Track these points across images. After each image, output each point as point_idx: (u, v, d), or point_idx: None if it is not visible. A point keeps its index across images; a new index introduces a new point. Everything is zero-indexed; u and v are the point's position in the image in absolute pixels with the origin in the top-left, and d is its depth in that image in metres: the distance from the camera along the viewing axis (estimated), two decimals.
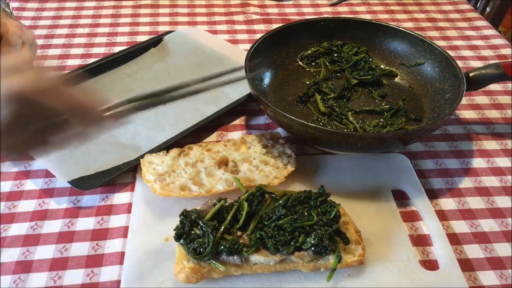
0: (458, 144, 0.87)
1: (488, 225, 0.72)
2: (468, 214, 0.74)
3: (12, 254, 0.65)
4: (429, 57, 0.92)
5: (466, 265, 0.66)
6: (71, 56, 1.06)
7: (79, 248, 0.66)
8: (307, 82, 0.94)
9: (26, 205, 0.72)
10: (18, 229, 0.68)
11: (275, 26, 0.97)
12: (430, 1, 1.35)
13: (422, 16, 1.28)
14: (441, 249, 0.66)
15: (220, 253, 0.59)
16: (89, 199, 0.73)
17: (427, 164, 0.82)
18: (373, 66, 0.96)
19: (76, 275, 0.63)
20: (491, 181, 0.79)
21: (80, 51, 1.08)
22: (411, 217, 0.72)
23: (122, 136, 0.81)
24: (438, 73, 0.90)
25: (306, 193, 0.66)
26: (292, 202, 0.64)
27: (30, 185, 0.75)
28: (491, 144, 0.87)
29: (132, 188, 0.75)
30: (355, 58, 0.97)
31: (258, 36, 0.93)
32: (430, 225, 0.70)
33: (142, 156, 0.75)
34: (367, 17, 1.23)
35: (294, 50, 0.98)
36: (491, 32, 1.21)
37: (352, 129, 0.83)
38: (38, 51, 0.97)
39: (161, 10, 1.25)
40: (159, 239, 0.65)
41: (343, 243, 0.62)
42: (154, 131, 0.83)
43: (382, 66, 0.98)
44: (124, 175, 0.76)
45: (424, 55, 0.93)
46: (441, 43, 1.15)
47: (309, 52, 0.99)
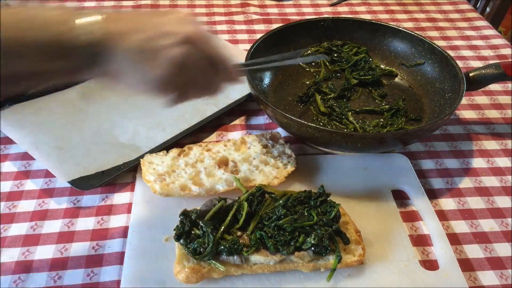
0: (458, 144, 0.87)
1: (488, 225, 0.72)
2: (468, 214, 0.74)
3: (12, 254, 0.65)
4: (429, 57, 0.92)
5: (466, 265, 0.66)
6: None
7: (79, 248, 0.66)
8: (307, 82, 0.94)
9: (26, 205, 0.72)
10: (18, 229, 0.68)
11: (275, 26, 0.97)
12: (430, 1, 1.35)
13: (422, 16, 1.28)
14: (441, 249, 0.66)
15: (220, 253, 0.59)
16: (89, 199, 0.73)
17: (427, 164, 0.82)
18: (373, 66, 0.96)
19: (76, 275, 0.63)
20: (491, 181, 0.79)
21: None
22: (411, 217, 0.72)
23: (122, 136, 0.81)
24: (438, 73, 0.90)
25: (306, 193, 0.66)
26: (292, 202, 0.64)
27: (30, 185, 0.75)
28: (491, 144, 0.87)
29: (132, 188, 0.75)
30: (355, 58, 0.97)
31: (258, 36, 0.93)
32: (430, 225, 0.70)
33: (142, 156, 0.75)
34: (367, 17, 1.23)
35: (294, 50, 0.98)
36: (491, 32, 1.21)
37: (352, 129, 0.83)
38: None
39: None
40: (159, 239, 0.65)
41: (343, 243, 0.62)
42: (154, 131, 0.83)
43: (382, 66, 0.98)
44: (124, 175, 0.76)
45: (424, 55, 0.93)
46: (441, 43, 1.15)
47: (309, 52, 0.99)
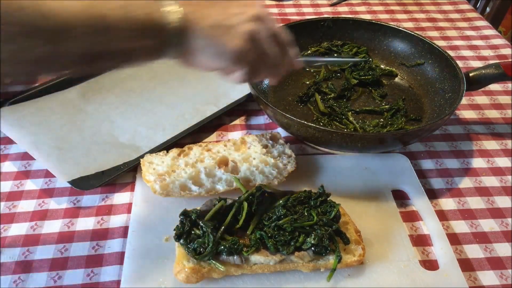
0: (458, 144, 0.87)
1: (488, 225, 0.72)
2: (468, 214, 0.74)
3: (12, 254, 0.65)
4: (429, 57, 0.92)
5: (466, 265, 0.66)
6: None
7: (79, 248, 0.66)
8: (307, 82, 0.94)
9: (26, 205, 0.72)
10: (18, 229, 0.68)
11: None
12: (430, 1, 1.35)
13: (422, 16, 1.28)
14: (441, 249, 0.66)
15: (220, 253, 0.59)
16: (89, 199, 0.73)
17: (427, 164, 0.82)
18: (373, 66, 0.96)
19: (76, 275, 0.63)
20: (491, 181, 0.79)
21: None
22: (411, 217, 0.72)
23: (122, 136, 0.81)
24: (438, 73, 0.90)
25: (306, 193, 0.66)
26: (292, 202, 0.64)
27: (30, 185, 0.75)
28: (491, 144, 0.87)
29: (132, 188, 0.75)
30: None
31: None
32: (430, 225, 0.70)
33: (142, 156, 0.75)
34: (367, 17, 1.23)
35: None
36: (491, 32, 1.21)
37: (352, 129, 0.83)
38: None
39: None
40: (159, 239, 0.65)
41: (343, 243, 0.62)
42: (154, 131, 0.83)
43: (382, 66, 0.98)
44: (124, 175, 0.76)
45: (424, 55, 0.93)
46: (441, 43, 1.15)
47: (309, 52, 0.99)
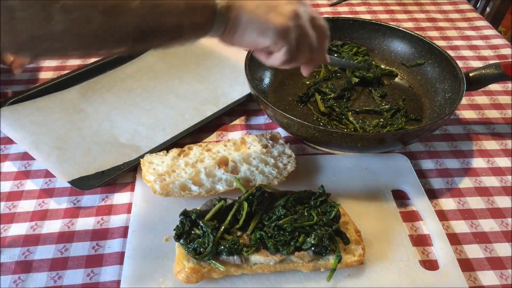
0: (458, 144, 0.87)
1: (488, 225, 0.72)
2: (468, 214, 0.74)
3: (12, 254, 0.65)
4: (429, 57, 0.92)
5: (466, 265, 0.66)
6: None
7: (79, 248, 0.66)
8: (307, 82, 0.94)
9: (26, 205, 0.72)
10: (18, 229, 0.68)
11: None
12: (430, 1, 1.35)
13: (422, 16, 1.28)
14: (441, 249, 0.66)
15: (220, 253, 0.59)
16: (89, 199, 0.73)
17: (427, 164, 0.82)
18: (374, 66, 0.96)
19: (76, 275, 0.63)
20: (491, 181, 0.79)
21: None
22: (411, 217, 0.72)
23: (122, 136, 0.81)
24: (438, 73, 0.90)
25: (306, 193, 0.66)
26: (292, 202, 0.64)
27: (30, 185, 0.75)
28: (491, 144, 0.87)
29: (132, 188, 0.75)
30: (355, 58, 0.97)
31: None
32: (430, 225, 0.70)
33: (142, 156, 0.75)
34: (367, 17, 1.23)
35: None
36: (491, 32, 1.21)
37: (352, 129, 0.83)
38: None
39: None
40: (159, 239, 0.65)
41: (343, 243, 0.62)
42: (154, 131, 0.83)
43: (382, 66, 0.98)
44: (124, 175, 0.76)
45: (424, 55, 0.93)
46: (441, 43, 1.15)
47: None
